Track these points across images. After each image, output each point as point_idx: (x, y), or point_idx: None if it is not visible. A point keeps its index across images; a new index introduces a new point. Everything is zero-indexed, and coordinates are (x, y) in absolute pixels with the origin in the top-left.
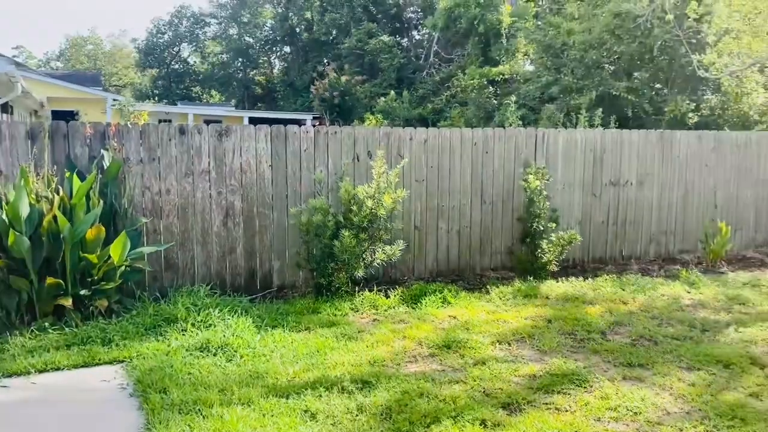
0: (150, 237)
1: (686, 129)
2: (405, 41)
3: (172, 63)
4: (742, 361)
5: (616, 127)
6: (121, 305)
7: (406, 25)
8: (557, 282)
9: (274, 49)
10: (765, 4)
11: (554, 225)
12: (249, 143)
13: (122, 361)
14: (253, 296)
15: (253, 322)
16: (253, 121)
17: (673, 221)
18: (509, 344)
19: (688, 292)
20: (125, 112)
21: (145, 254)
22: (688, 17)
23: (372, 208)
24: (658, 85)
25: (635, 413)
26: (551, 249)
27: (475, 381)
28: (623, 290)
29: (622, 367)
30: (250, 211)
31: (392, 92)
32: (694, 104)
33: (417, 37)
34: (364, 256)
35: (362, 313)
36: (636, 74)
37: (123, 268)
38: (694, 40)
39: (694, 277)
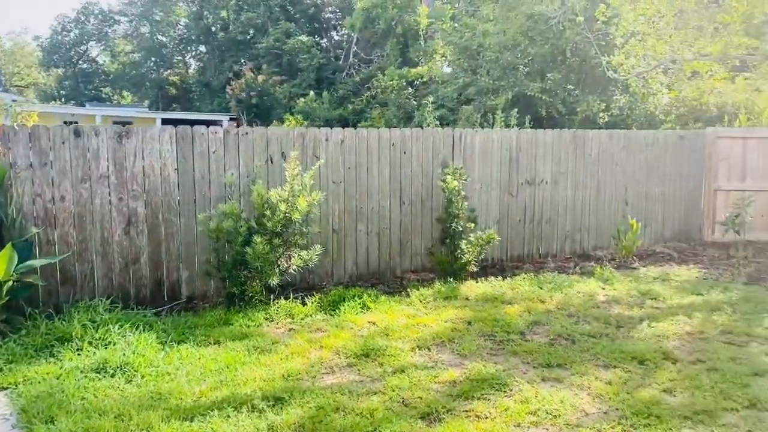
0: (43, 248)
1: (597, 128)
2: (324, 41)
3: (80, 62)
4: (656, 356)
5: (531, 127)
6: (9, 325)
7: (324, 25)
8: (477, 282)
9: (188, 48)
10: (668, 8)
11: (473, 225)
12: (152, 145)
13: (6, 388)
14: (160, 309)
15: (157, 338)
16: (168, 122)
17: (587, 218)
18: (429, 349)
19: (603, 289)
20: (11, 112)
21: (37, 267)
22: (597, 20)
23: (286, 212)
24: (570, 86)
25: (555, 416)
26: (470, 249)
27: (393, 391)
28: (541, 289)
29: (541, 368)
30: (155, 218)
31: (312, 93)
32: (605, 104)
33: (336, 37)
34: (279, 262)
35: (277, 323)
36: (549, 75)
37: (10, 283)
38: (603, 42)
39: (608, 273)
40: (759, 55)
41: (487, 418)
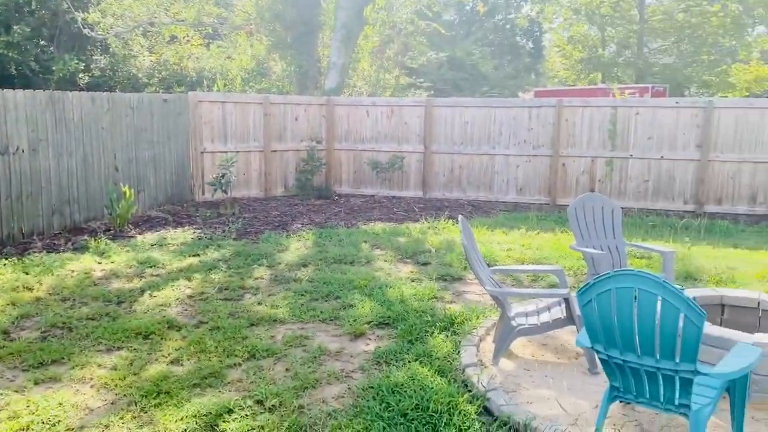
0: None
1: (78, 90)
2: None
3: None
4: (161, 327)
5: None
6: None
7: None
8: None
9: None
10: None
11: None
12: None
13: None
14: None
15: None
16: None
17: (75, 189)
18: None
19: (100, 263)
20: None
21: None
22: None
23: None
24: (43, 42)
25: (53, 424)
26: None
27: None
28: (27, 274)
29: (33, 370)
30: None
31: None
32: (84, 64)
33: None
34: None
35: None
36: (16, 28)
37: None
38: None
39: (104, 245)
40: (228, 25)
41: None
